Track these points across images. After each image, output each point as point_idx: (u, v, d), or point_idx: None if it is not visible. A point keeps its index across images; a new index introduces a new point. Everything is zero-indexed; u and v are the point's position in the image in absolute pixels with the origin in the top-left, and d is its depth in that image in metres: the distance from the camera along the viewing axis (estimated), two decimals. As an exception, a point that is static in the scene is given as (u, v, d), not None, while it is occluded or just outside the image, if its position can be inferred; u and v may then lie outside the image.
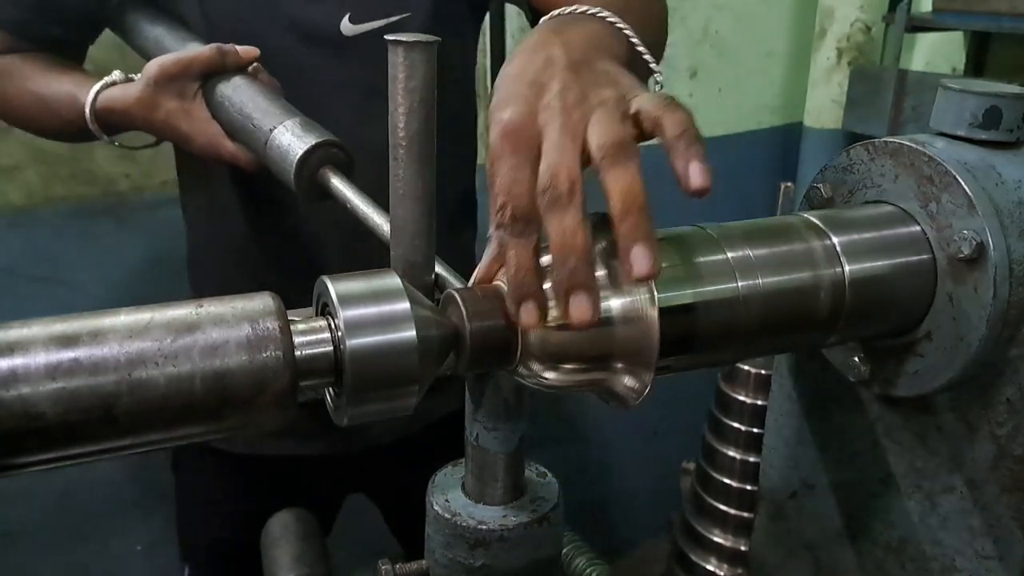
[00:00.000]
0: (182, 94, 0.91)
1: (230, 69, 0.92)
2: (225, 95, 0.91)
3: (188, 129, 0.91)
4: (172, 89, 0.90)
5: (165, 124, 0.92)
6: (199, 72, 0.90)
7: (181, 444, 0.48)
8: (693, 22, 2.33)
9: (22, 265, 1.60)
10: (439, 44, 0.56)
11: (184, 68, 0.90)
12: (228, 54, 0.91)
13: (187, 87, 0.91)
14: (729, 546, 1.53)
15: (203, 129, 0.91)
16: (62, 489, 1.72)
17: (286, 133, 0.85)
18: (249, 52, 0.93)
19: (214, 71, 0.91)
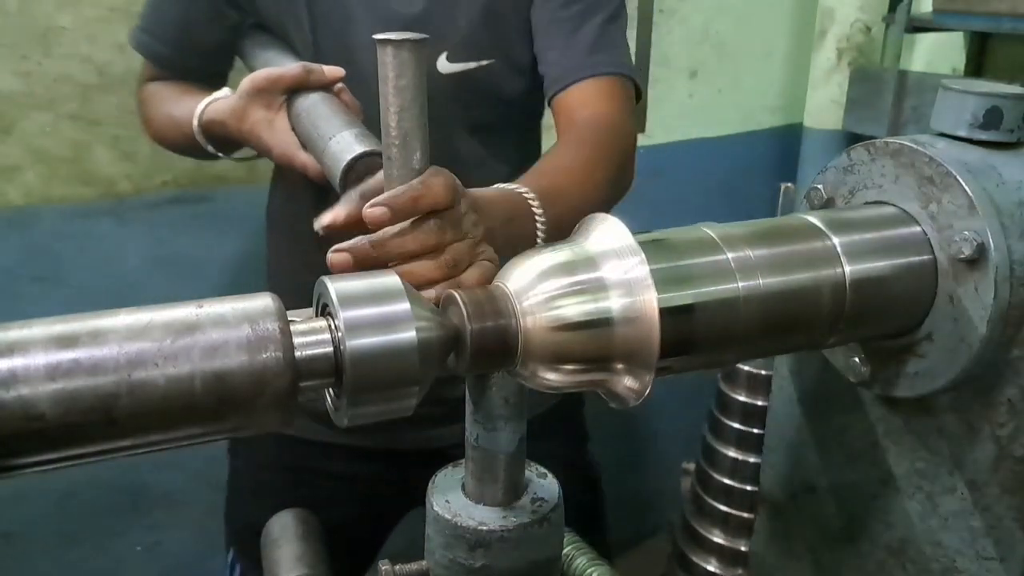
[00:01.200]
0: (268, 106, 0.97)
1: (314, 86, 0.97)
2: (303, 108, 0.96)
3: (268, 139, 0.97)
4: (260, 101, 0.97)
5: (250, 133, 0.99)
6: (285, 87, 0.97)
7: (182, 445, 0.48)
8: (693, 23, 2.33)
9: (22, 265, 1.60)
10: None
11: (272, 82, 0.96)
12: (313, 72, 0.97)
13: (273, 100, 0.97)
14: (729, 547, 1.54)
15: (281, 139, 0.97)
16: (62, 490, 1.72)
17: (340, 142, 0.88)
18: (334, 72, 0.99)
19: (299, 87, 0.97)
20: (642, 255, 0.52)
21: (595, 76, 1.09)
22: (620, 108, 1.09)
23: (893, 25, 2.36)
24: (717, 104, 2.45)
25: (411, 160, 0.64)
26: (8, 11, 1.47)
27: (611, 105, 1.07)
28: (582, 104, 1.07)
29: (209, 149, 1.07)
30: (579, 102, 1.08)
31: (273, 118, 0.97)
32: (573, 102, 1.08)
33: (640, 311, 0.52)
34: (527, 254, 0.56)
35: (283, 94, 0.98)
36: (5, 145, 1.53)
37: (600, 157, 0.99)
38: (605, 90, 1.09)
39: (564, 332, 0.53)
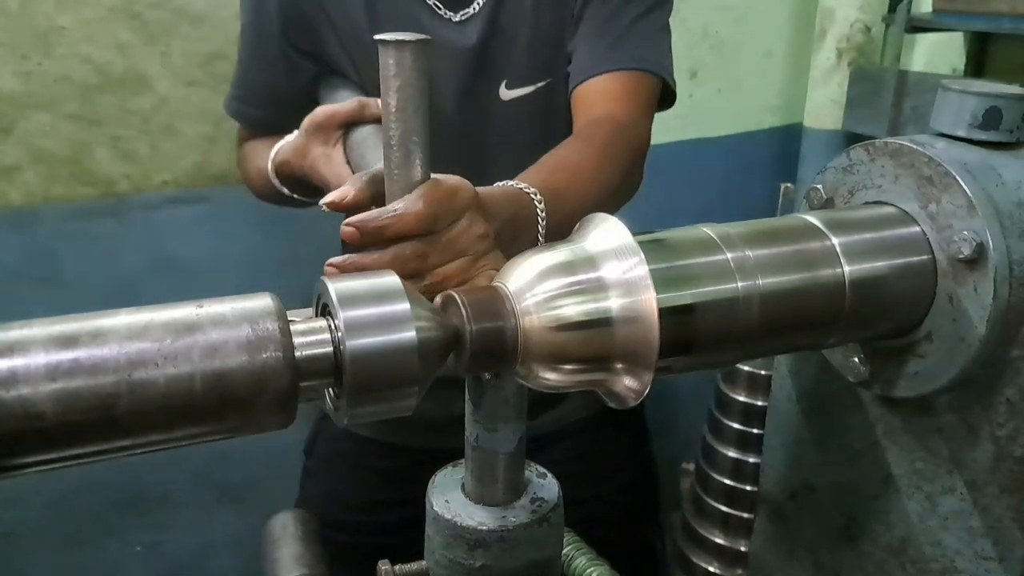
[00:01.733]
0: (326, 141, 0.99)
1: (368, 120, 0.98)
2: (357, 141, 0.98)
3: (326, 173, 0.98)
4: (319, 137, 0.99)
5: (311, 168, 1.00)
6: (341, 121, 0.98)
7: (182, 445, 0.48)
8: (693, 23, 2.33)
9: (22, 265, 1.60)
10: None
11: (328, 117, 0.98)
12: (367, 106, 0.98)
13: (330, 135, 0.99)
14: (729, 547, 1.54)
15: (337, 172, 0.98)
16: (62, 490, 1.72)
17: None
18: None
19: (355, 121, 0.98)
20: (641, 255, 0.52)
21: (615, 71, 1.08)
22: (637, 106, 1.08)
23: (893, 25, 2.36)
24: (717, 104, 2.45)
25: (411, 164, 0.64)
26: (8, 11, 1.47)
27: (627, 103, 1.07)
28: (599, 100, 1.07)
29: (284, 192, 1.09)
30: (596, 98, 1.08)
31: (331, 152, 0.99)
32: (590, 97, 1.08)
33: (639, 311, 0.52)
34: (526, 254, 0.56)
35: (339, 129, 0.99)
36: (5, 145, 1.53)
37: (609, 156, 0.99)
38: (624, 87, 1.08)
39: (563, 332, 0.53)
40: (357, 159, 0.96)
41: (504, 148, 1.14)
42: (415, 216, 0.64)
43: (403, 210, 0.64)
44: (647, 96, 1.12)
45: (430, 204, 0.64)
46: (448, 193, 0.66)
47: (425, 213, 0.64)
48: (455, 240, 0.66)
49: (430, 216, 0.64)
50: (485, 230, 0.69)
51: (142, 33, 1.58)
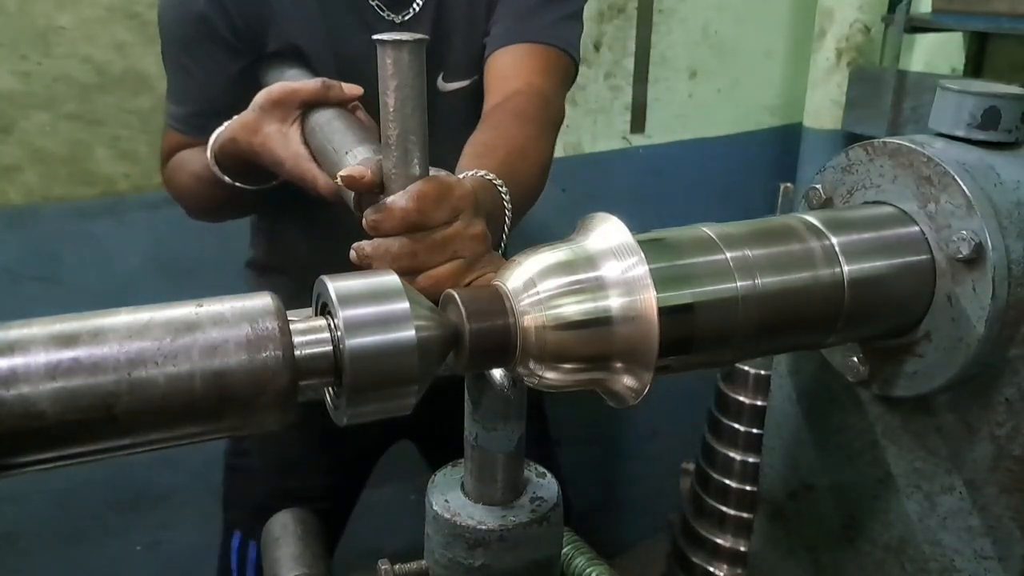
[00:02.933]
0: (283, 119, 0.95)
1: (332, 102, 0.96)
2: (319, 124, 0.95)
3: (282, 153, 0.95)
4: (275, 114, 0.95)
5: (263, 147, 0.96)
6: (302, 101, 0.95)
7: (182, 444, 0.48)
8: (693, 23, 2.33)
9: (22, 265, 1.60)
10: None
11: (289, 94, 0.95)
12: (332, 88, 0.96)
13: (288, 113, 0.95)
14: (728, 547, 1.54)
15: (293, 151, 0.95)
16: (61, 489, 1.72)
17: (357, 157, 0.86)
18: (352, 89, 0.98)
19: (317, 102, 0.96)
20: (641, 254, 0.52)
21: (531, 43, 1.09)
22: (555, 81, 1.09)
23: (892, 25, 2.36)
24: (716, 104, 2.46)
25: (409, 163, 0.64)
26: (8, 11, 1.47)
27: (547, 79, 1.08)
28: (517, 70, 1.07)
29: (225, 179, 1.05)
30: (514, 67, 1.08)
31: (287, 131, 0.96)
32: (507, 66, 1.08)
33: (639, 310, 0.52)
34: (525, 254, 0.56)
35: (299, 108, 0.96)
36: (5, 145, 1.53)
37: (541, 135, 1.00)
38: (541, 60, 1.09)
39: (562, 331, 0.53)
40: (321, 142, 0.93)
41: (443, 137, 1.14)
42: (401, 212, 0.64)
43: (390, 207, 0.64)
44: (562, 73, 1.13)
45: (417, 201, 0.64)
46: (439, 191, 0.66)
47: (411, 209, 0.64)
48: (449, 239, 0.66)
49: (416, 213, 0.64)
50: (482, 231, 0.69)
51: (141, 33, 1.58)
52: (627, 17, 2.21)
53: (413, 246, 0.65)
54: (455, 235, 0.67)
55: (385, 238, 0.65)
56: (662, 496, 2.08)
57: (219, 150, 1.03)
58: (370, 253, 0.65)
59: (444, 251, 0.66)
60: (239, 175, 1.05)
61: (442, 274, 0.66)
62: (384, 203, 0.64)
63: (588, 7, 2.10)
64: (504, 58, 1.09)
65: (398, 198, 0.64)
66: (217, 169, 1.04)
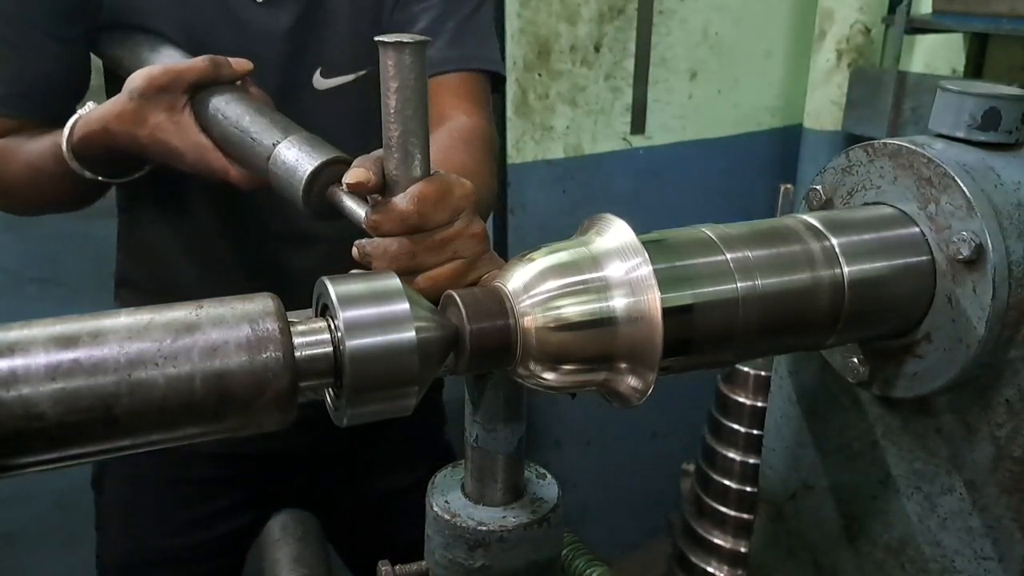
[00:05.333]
0: (171, 107, 0.86)
1: (223, 81, 0.88)
2: (218, 108, 0.87)
3: (179, 144, 0.87)
4: (160, 102, 0.86)
5: (151, 139, 0.87)
6: (190, 83, 0.86)
7: (181, 445, 0.48)
8: (693, 24, 2.33)
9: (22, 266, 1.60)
10: None
11: (174, 78, 0.85)
12: (222, 65, 0.88)
13: (176, 99, 0.86)
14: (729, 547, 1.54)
15: (194, 142, 0.87)
16: (62, 490, 1.72)
17: (292, 148, 0.82)
18: (242, 64, 0.90)
19: (206, 83, 0.87)
20: (645, 255, 0.52)
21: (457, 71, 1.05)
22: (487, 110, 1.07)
23: (892, 26, 2.36)
24: (716, 105, 2.46)
25: (411, 165, 0.64)
26: (8, 12, 1.47)
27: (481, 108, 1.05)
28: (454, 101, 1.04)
29: (86, 174, 0.93)
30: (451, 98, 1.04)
31: (178, 119, 0.86)
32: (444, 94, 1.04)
33: (644, 311, 0.52)
34: (526, 254, 0.56)
35: (186, 92, 0.87)
36: (5, 146, 1.53)
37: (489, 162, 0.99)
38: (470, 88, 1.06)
39: (564, 332, 0.53)
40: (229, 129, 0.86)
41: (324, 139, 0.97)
42: (401, 214, 0.64)
43: (391, 208, 0.64)
44: (488, 93, 1.09)
45: (417, 202, 0.64)
46: (440, 191, 0.65)
47: (411, 211, 0.64)
48: (449, 240, 0.66)
49: (416, 214, 0.64)
50: (482, 231, 0.68)
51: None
52: (627, 18, 2.21)
53: (413, 246, 0.65)
54: (455, 235, 0.66)
55: (385, 238, 0.65)
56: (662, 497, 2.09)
57: (81, 142, 0.91)
58: (370, 252, 0.65)
59: (444, 251, 0.66)
60: (103, 168, 0.94)
61: (442, 274, 0.66)
62: (385, 204, 0.64)
63: (588, 8, 2.12)
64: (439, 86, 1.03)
65: (399, 199, 0.64)
66: (76, 163, 0.92)
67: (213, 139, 0.88)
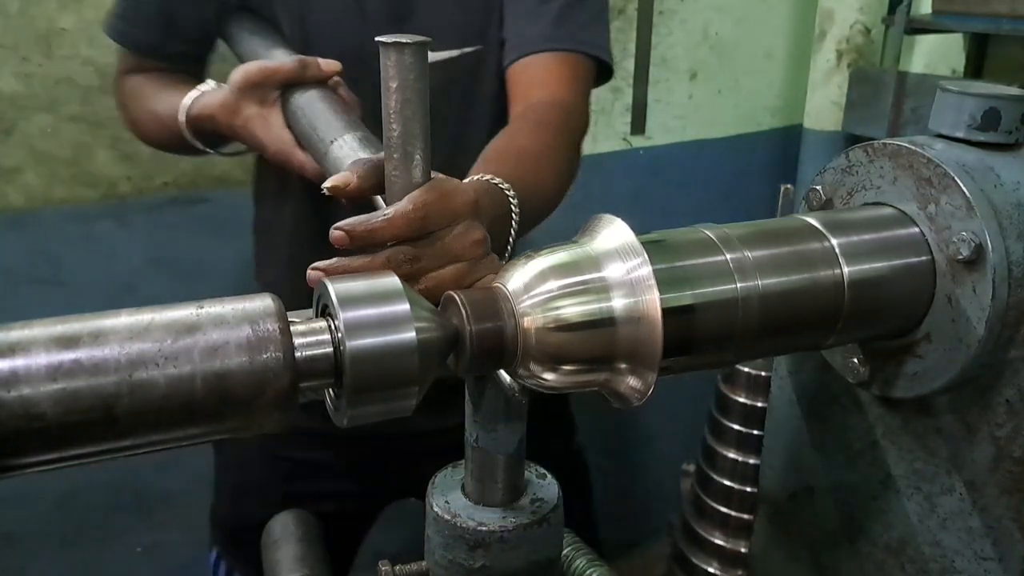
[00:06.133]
0: (262, 101, 0.94)
1: (310, 81, 0.94)
2: (299, 105, 0.93)
3: (263, 136, 0.94)
4: (253, 96, 0.93)
5: (243, 129, 0.95)
6: (280, 81, 0.93)
7: (182, 445, 0.48)
8: (693, 24, 2.33)
9: (23, 267, 1.60)
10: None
11: (266, 76, 0.93)
12: (309, 66, 0.94)
13: (267, 95, 0.94)
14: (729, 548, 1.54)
15: (276, 136, 0.93)
16: (62, 490, 1.72)
17: (344, 147, 0.85)
18: (331, 66, 0.96)
19: (295, 82, 0.94)
20: (645, 255, 0.52)
21: (555, 51, 1.05)
22: (580, 92, 1.07)
23: (892, 26, 2.36)
24: (717, 105, 2.46)
25: (411, 166, 0.64)
26: (9, 13, 1.47)
27: (572, 88, 1.05)
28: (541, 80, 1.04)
29: (197, 145, 1.03)
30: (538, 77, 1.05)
31: (267, 114, 0.94)
32: (531, 76, 1.05)
33: (643, 311, 0.52)
34: (527, 255, 0.56)
35: (277, 89, 0.94)
36: (6, 147, 1.53)
37: (562, 145, 0.98)
38: (565, 69, 1.06)
39: (564, 332, 0.53)
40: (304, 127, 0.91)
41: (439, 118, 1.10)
42: (404, 219, 0.63)
43: (392, 214, 0.63)
44: (588, 79, 1.10)
45: (420, 207, 0.64)
46: (442, 196, 0.65)
47: (414, 216, 0.63)
48: (449, 245, 0.66)
49: (420, 220, 0.64)
50: (482, 235, 0.68)
51: (143, 35, 1.58)
52: (627, 18, 2.21)
53: (416, 252, 0.65)
54: (455, 239, 0.66)
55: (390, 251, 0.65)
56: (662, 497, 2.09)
57: (193, 120, 1.00)
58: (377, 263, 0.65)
59: (444, 256, 0.66)
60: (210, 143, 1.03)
61: (442, 278, 0.66)
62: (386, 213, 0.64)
63: (588, 8, 2.12)
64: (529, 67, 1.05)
65: (399, 206, 0.64)
66: (189, 134, 1.02)
67: (295, 135, 0.93)
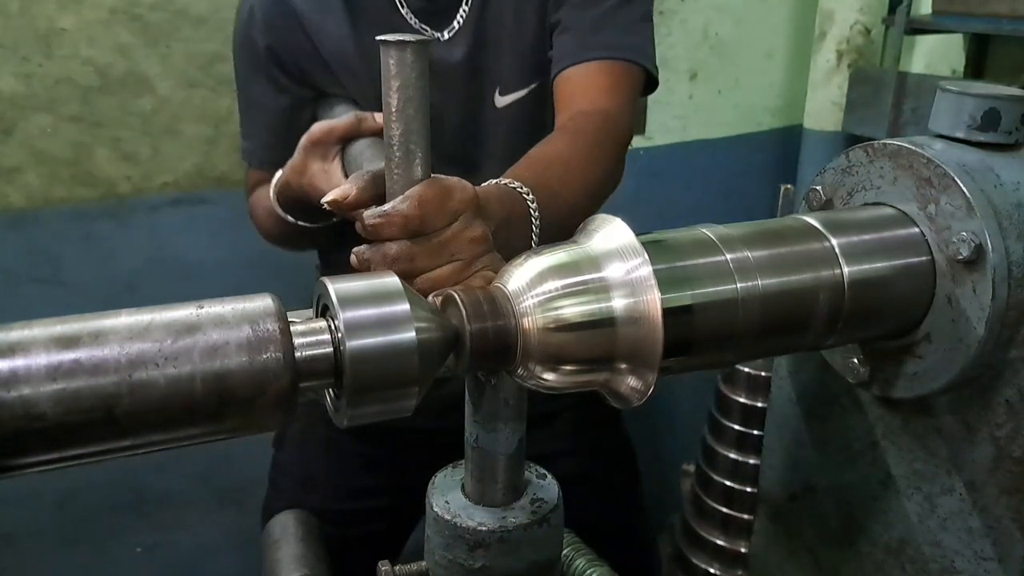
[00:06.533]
0: (324, 157, 0.99)
1: (365, 134, 0.99)
2: (353, 155, 0.97)
3: (324, 187, 0.96)
4: (317, 153, 0.99)
5: (310, 185, 0.99)
6: (339, 136, 0.98)
7: (182, 446, 0.48)
8: (693, 24, 2.33)
9: (23, 266, 1.60)
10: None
11: (326, 133, 0.98)
12: (364, 120, 0.99)
13: (328, 151, 0.99)
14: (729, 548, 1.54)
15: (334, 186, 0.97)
16: (62, 491, 1.72)
17: None
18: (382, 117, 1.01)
19: (352, 135, 0.99)
20: (645, 255, 0.52)
21: (599, 59, 1.07)
22: (621, 97, 1.08)
23: (893, 27, 2.36)
24: (717, 105, 2.46)
25: (411, 164, 0.64)
26: (9, 13, 1.47)
27: (612, 94, 1.06)
28: (584, 90, 1.06)
29: (289, 219, 1.09)
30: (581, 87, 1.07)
31: (329, 168, 0.99)
32: (574, 85, 1.07)
33: (644, 311, 0.52)
34: (526, 255, 0.56)
35: (337, 144, 0.99)
36: (6, 147, 1.53)
37: (597, 150, 0.99)
38: (609, 76, 1.07)
39: (564, 332, 0.53)
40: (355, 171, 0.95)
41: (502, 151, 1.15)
42: (402, 218, 0.64)
43: (391, 211, 0.64)
44: (631, 86, 1.11)
45: (418, 206, 0.64)
46: (441, 194, 0.65)
47: (412, 215, 0.64)
48: (447, 243, 0.66)
49: (417, 218, 0.64)
50: (481, 233, 0.69)
51: (143, 35, 1.58)
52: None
53: (412, 250, 0.65)
54: (453, 238, 0.66)
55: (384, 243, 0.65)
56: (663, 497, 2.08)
57: (279, 192, 1.07)
58: (369, 257, 0.65)
59: (442, 254, 0.66)
60: (298, 214, 1.09)
61: (440, 276, 0.66)
62: (384, 209, 0.64)
63: (588, 9, 2.12)
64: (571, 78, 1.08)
65: (398, 203, 0.64)
66: (279, 209, 1.08)
67: None
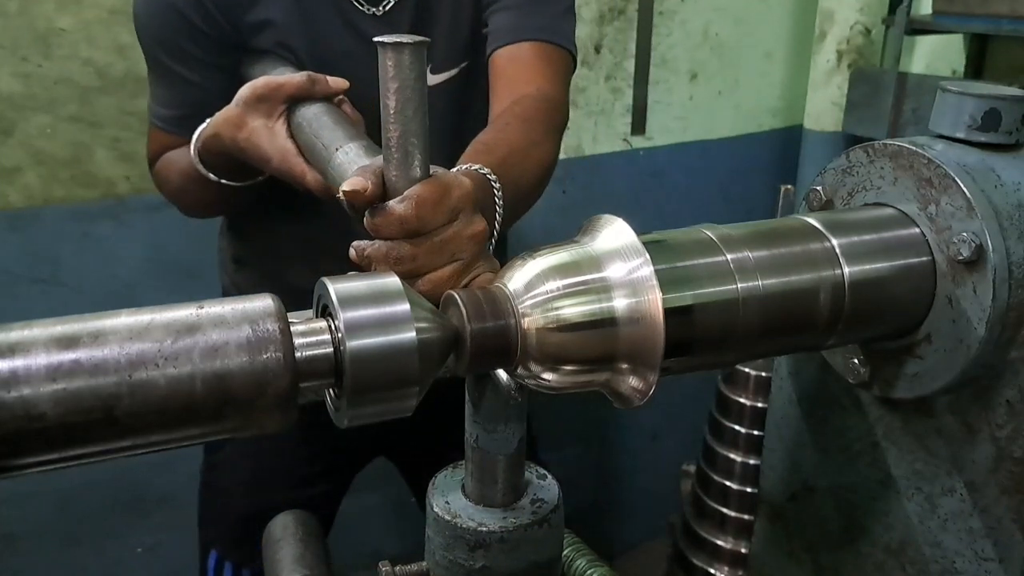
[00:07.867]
0: (268, 114, 0.95)
1: (317, 97, 0.96)
2: (305, 118, 0.93)
3: (267, 146, 0.94)
4: (260, 109, 0.94)
5: (248, 142, 0.95)
6: (287, 95, 0.95)
7: (182, 446, 0.48)
8: (693, 25, 2.33)
9: (22, 267, 1.60)
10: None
11: (274, 89, 0.94)
12: (318, 82, 0.96)
13: (274, 108, 0.95)
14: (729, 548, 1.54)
15: (280, 146, 0.94)
16: (62, 491, 1.72)
17: (348, 154, 0.86)
18: (338, 83, 0.98)
19: (302, 97, 0.95)
20: (647, 255, 0.52)
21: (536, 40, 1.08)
22: (560, 80, 1.09)
23: (893, 27, 2.36)
24: (717, 106, 2.46)
25: (410, 165, 0.64)
26: (8, 13, 1.47)
27: (552, 77, 1.07)
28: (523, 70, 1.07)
29: (211, 177, 1.04)
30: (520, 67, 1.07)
31: (273, 126, 0.95)
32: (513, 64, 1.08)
33: (645, 311, 0.52)
34: (527, 255, 0.56)
35: (284, 103, 0.95)
36: (6, 147, 1.53)
37: (549, 135, 1.00)
38: (545, 60, 1.08)
39: (565, 332, 0.53)
40: (309, 137, 0.92)
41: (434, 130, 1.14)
42: (399, 219, 0.64)
43: (389, 212, 0.64)
44: (566, 71, 1.12)
45: (416, 207, 0.64)
46: (439, 193, 0.65)
47: (409, 216, 0.64)
48: (447, 242, 0.66)
49: (414, 219, 0.64)
50: (481, 228, 0.69)
51: (142, 35, 1.58)
52: (627, 19, 2.21)
53: (413, 250, 0.65)
54: (454, 236, 0.66)
55: (385, 241, 0.65)
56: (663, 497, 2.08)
57: (202, 147, 1.02)
58: (370, 254, 0.65)
59: (443, 254, 0.66)
60: (224, 172, 1.04)
61: (442, 277, 0.66)
62: (385, 207, 0.64)
63: (589, 9, 2.12)
64: (510, 59, 1.08)
65: (398, 203, 0.64)
66: (201, 167, 1.03)
67: (298, 146, 0.95)
